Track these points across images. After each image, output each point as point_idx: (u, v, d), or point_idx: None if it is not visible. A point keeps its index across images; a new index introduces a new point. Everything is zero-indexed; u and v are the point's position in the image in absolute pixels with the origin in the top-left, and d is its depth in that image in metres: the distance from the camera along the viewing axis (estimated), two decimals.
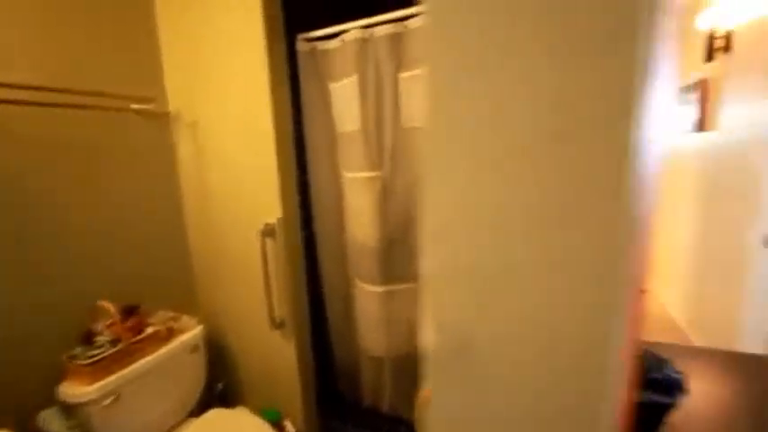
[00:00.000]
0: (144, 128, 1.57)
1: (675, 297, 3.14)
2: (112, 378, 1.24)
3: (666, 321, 3.02)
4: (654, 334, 2.83)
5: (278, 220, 1.51)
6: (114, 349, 1.26)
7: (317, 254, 1.94)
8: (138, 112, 1.51)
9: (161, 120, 1.63)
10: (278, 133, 1.47)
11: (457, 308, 0.41)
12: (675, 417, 0.76)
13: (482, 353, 0.41)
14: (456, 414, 0.47)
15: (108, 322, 1.32)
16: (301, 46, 1.67)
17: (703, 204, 2.59)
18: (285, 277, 1.56)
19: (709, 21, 2.32)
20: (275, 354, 1.67)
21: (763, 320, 1.82)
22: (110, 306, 1.29)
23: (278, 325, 1.59)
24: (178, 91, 1.63)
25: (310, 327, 1.73)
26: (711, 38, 2.34)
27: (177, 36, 1.57)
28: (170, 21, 1.57)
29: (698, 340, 2.61)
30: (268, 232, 1.52)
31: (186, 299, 1.78)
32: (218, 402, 1.74)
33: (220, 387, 1.84)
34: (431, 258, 0.42)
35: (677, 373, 0.75)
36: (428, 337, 0.43)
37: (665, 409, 0.75)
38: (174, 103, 1.65)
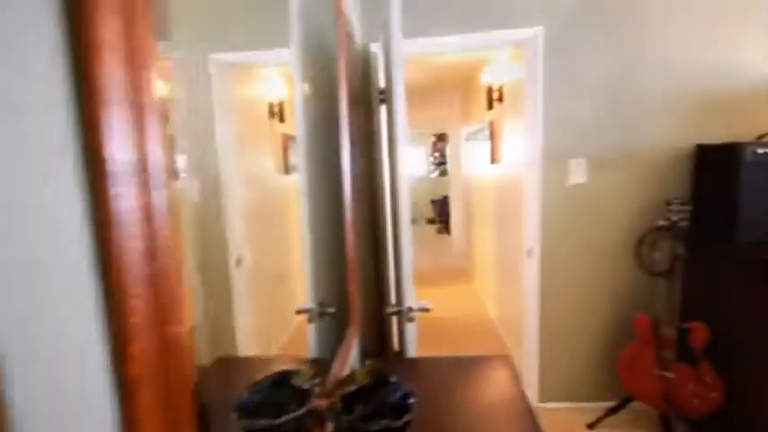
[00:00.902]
0: None
1: (492, 302, 3.72)
2: None
3: (488, 324, 3.54)
4: (478, 339, 3.28)
5: None
6: None
7: None
8: None
9: None
10: None
11: None
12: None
13: None
14: None
15: None
16: None
17: (498, 223, 3.17)
18: None
19: (488, 77, 2.90)
20: None
21: (533, 318, 2.29)
22: None
23: None
24: None
25: None
26: (490, 90, 2.93)
27: None
28: None
29: (508, 339, 3.11)
30: None
31: None
32: None
33: None
34: None
35: (407, 392, 0.86)
36: None
37: (400, 430, 0.84)
38: None
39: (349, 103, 1.80)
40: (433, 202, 8.46)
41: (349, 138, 1.46)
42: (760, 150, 1.63)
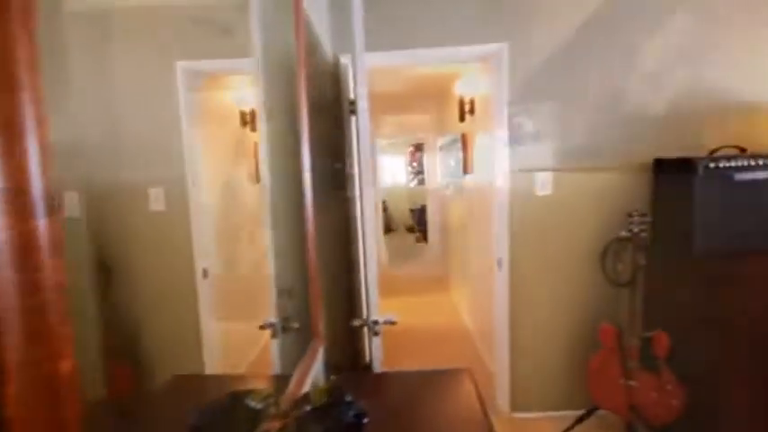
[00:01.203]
0: None
1: (467, 312, 3.74)
2: None
3: (464, 333, 3.55)
4: (454, 349, 3.27)
5: None
6: None
7: None
8: None
9: None
10: None
11: None
12: None
13: None
14: None
15: None
16: None
17: (471, 232, 3.20)
18: None
19: (460, 90, 2.95)
20: None
21: (504, 328, 2.31)
22: None
23: None
24: None
25: None
26: (462, 102, 2.98)
27: None
28: None
29: (482, 349, 3.13)
30: None
31: None
32: None
33: None
34: None
35: (361, 412, 0.85)
36: None
37: None
38: None
39: (316, 114, 1.79)
40: (411, 210, 8.50)
41: (314, 149, 1.45)
42: (711, 165, 1.70)
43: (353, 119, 2.04)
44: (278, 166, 1.27)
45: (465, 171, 3.19)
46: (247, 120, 1.17)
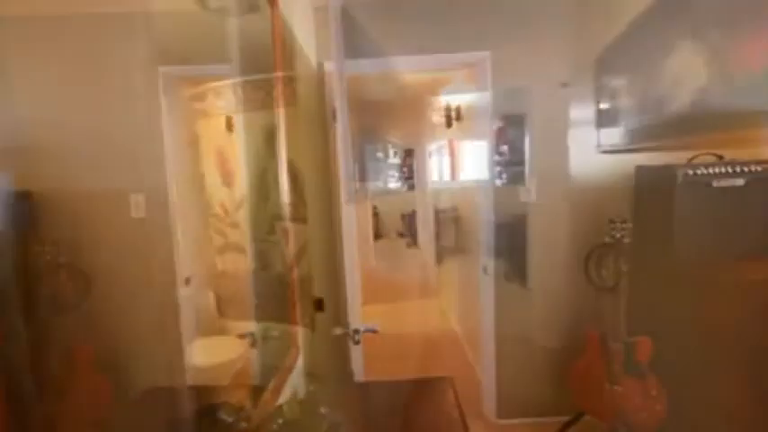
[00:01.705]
0: None
1: (456, 317, 3.73)
2: None
3: (453, 339, 3.54)
4: (443, 355, 3.26)
5: None
6: None
7: None
8: None
9: None
10: None
11: None
12: None
13: None
14: None
15: None
16: None
17: (458, 238, 3.20)
18: None
19: (447, 96, 2.97)
20: None
21: (490, 334, 2.30)
22: None
23: None
24: None
25: None
26: (449, 109, 2.99)
27: None
28: None
29: (470, 355, 3.12)
30: None
31: None
32: None
33: None
34: None
35: (332, 424, 0.83)
36: None
37: None
38: None
39: (302, 120, 1.78)
40: (402, 216, 8.49)
41: (301, 155, 1.44)
42: (690, 172, 1.73)
43: (336, 125, 2.04)
44: (259, 170, 1.26)
45: (452, 177, 3.20)
46: (233, 124, 1.17)
